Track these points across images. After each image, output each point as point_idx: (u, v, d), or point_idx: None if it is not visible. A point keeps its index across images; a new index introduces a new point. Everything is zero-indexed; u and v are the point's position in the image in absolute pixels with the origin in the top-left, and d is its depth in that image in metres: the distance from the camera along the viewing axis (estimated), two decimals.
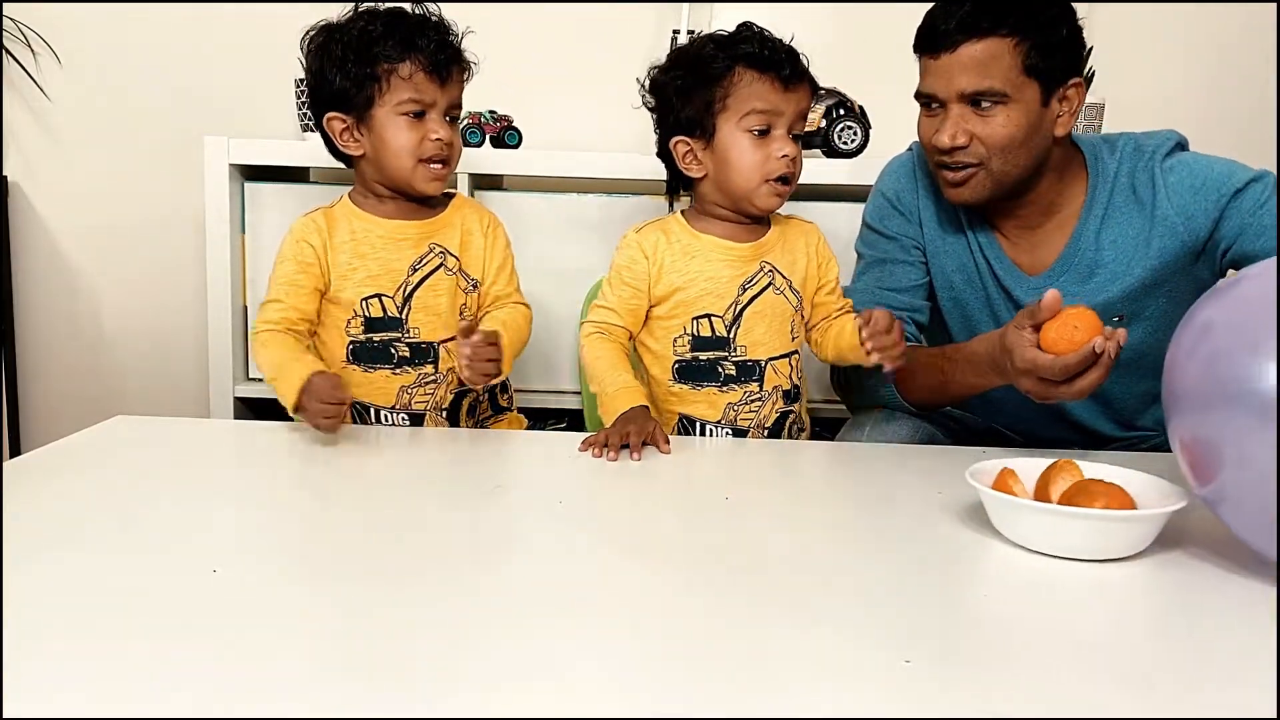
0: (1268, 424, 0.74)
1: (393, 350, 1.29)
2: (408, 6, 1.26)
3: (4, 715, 0.52)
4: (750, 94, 1.20)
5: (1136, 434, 1.39)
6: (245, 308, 1.93)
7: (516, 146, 1.90)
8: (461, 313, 1.32)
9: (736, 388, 1.28)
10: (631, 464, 1.10)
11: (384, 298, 1.28)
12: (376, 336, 1.29)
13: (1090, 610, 0.75)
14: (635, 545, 0.86)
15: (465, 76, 1.28)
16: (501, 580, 0.75)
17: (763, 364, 1.28)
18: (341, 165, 1.34)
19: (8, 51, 2.13)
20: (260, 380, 1.94)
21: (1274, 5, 2.13)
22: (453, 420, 1.37)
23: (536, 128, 2.01)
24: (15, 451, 2.21)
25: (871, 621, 0.70)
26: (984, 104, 1.20)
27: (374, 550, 0.81)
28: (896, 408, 1.35)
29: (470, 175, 1.85)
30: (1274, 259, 0.83)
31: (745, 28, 1.23)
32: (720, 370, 1.28)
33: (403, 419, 1.31)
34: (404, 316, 1.29)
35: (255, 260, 1.90)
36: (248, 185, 1.89)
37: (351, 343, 1.30)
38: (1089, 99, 1.80)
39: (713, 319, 1.27)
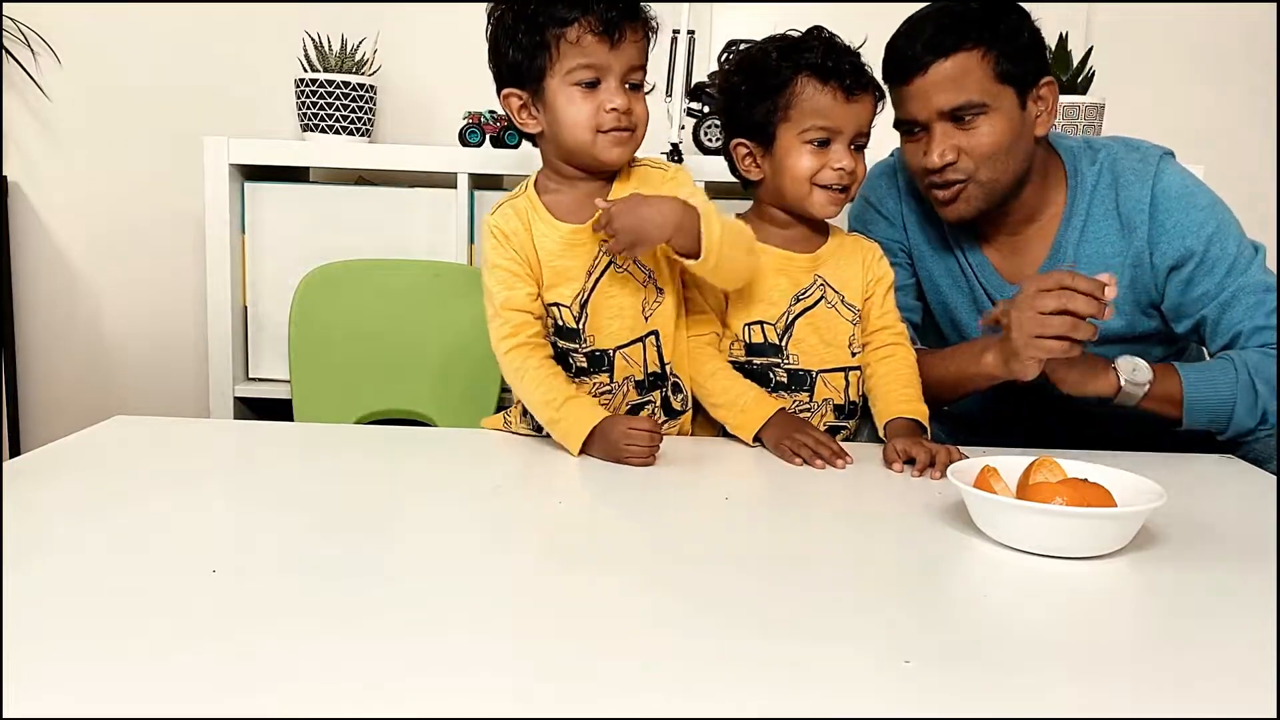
0: None
1: (570, 360, 1.22)
2: None
3: (4, 715, 0.52)
4: (811, 107, 1.19)
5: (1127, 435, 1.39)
6: (245, 308, 1.93)
7: (516, 146, 1.90)
8: (644, 309, 1.22)
9: (786, 396, 1.27)
10: (632, 465, 1.10)
11: (562, 307, 1.20)
12: (560, 343, 1.22)
13: (1083, 608, 0.75)
14: (635, 545, 0.86)
15: (646, 37, 1.15)
16: (501, 580, 0.75)
17: (814, 374, 1.27)
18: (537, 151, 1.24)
19: (8, 51, 2.13)
20: (259, 380, 1.94)
21: (1274, 5, 2.13)
22: None
23: None
24: (15, 451, 2.21)
25: (871, 621, 0.70)
26: (965, 117, 1.21)
27: (373, 550, 0.81)
28: None
29: (470, 175, 1.85)
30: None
31: (813, 33, 1.22)
32: (772, 376, 1.27)
33: None
34: (581, 327, 1.20)
35: (255, 260, 1.90)
36: (248, 185, 1.89)
37: None
38: (1089, 99, 1.80)
39: (765, 326, 1.27)
